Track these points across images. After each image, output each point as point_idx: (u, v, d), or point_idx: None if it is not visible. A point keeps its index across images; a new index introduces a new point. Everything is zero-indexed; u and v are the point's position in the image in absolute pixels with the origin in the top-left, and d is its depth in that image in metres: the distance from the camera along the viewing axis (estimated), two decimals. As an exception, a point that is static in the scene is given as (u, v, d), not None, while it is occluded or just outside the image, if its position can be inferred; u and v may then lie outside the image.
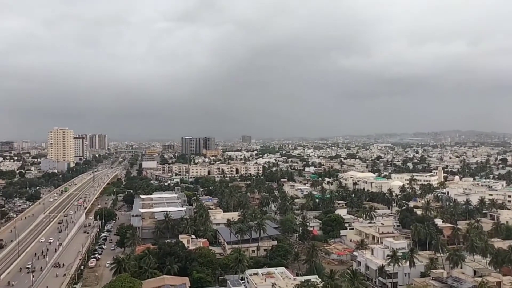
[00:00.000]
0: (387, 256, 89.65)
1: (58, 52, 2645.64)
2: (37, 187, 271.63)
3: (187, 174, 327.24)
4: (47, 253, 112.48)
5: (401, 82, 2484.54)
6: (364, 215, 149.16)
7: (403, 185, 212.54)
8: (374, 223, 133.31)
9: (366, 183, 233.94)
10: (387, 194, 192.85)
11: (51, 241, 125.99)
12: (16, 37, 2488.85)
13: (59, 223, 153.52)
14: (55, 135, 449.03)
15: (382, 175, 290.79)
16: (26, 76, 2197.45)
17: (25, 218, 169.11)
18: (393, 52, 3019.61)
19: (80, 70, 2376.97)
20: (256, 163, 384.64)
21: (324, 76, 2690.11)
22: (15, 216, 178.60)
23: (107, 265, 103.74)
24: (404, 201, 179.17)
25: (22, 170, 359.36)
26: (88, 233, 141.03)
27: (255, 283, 79.32)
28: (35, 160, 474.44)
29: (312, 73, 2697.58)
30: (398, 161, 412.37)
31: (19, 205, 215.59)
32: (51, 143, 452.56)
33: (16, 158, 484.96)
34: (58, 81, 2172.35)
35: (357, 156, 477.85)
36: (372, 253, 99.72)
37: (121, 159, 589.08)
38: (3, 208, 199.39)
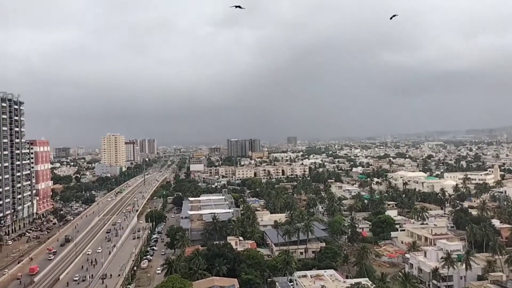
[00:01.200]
0: (441, 258, 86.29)
1: (107, 60, 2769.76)
2: (92, 191, 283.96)
3: (233, 176, 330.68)
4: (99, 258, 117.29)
5: (452, 77, 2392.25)
6: (416, 216, 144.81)
7: (457, 184, 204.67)
8: (427, 224, 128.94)
9: (417, 183, 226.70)
10: (439, 194, 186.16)
11: (99, 251, 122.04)
12: (69, 47, 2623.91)
13: (107, 232, 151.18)
14: (108, 141, 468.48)
15: (434, 174, 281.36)
16: (78, 83, 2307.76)
17: (81, 218, 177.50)
18: (442, 45, 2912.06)
19: (128, 76, 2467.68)
20: (302, 164, 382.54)
21: (370, 73, 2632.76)
22: (72, 219, 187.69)
23: (158, 270, 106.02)
24: (458, 201, 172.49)
25: (78, 175, 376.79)
26: (138, 237, 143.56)
27: (304, 285, 78.55)
28: (90, 165, 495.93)
29: (357, 70, 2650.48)
30: (450, 160, 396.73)
31: (76, 208, 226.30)
32: (104, 149, 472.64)
33: (72, 163, 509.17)
34: (108, 87, 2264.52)
35: (407, 155, 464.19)
36: (425, 255, 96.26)
37: (170, 163, 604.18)
38: (61, 211, 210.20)
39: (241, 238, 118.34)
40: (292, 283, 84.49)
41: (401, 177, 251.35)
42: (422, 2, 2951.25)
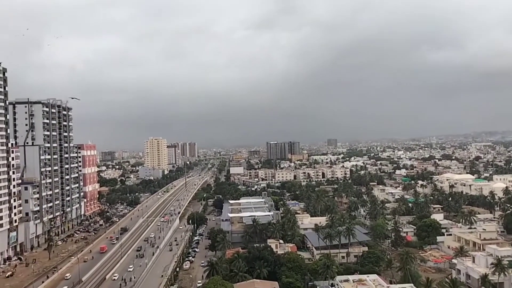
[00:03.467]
0: (491, 264, 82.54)
1: (148, 66, 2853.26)
2: (136, 193, 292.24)
3: (273, 179, 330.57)
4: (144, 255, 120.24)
5: (500, 75, 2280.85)
6: (463, 220, 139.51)
7: (507, 187, 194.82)
8: (475, 228, 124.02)
9: (465, 185, 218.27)
10: (488, 197, 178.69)
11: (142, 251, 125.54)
12: (112, 54, 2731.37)
13: (144, 240, 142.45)
14: (151, 145, 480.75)
15: (482, 176, 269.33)
16: (121, 89, 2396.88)
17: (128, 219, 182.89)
18: (489, 42, 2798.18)
19: (168, 81, 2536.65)
20: (343, 166, 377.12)
21: (413, 72, 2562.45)
22: (117, 220, 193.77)
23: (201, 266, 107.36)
24: (508, 205, 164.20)
25: (122, 177, 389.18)
26: (176, 245, 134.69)
27: (346, 290, 77.21)
28: (134, 168, 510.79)
29: (400, 70, 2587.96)
30: (500, 161, 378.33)
31: (121, 210, 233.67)
32: (147, 152, 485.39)
33: (117, 167, 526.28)
34: (149, 92, 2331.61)
35: (453, 157, 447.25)
36: (474, 261, 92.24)
37: (210, 166, 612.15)
38: (107, 213, 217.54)
39: (281, 241, 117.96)
40: (333, 287, 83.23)
41: (447, 179, 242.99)
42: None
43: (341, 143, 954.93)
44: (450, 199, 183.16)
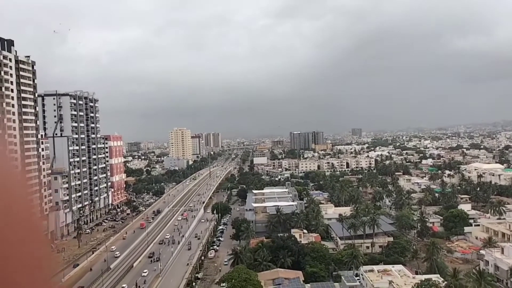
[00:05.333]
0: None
1: (170, 57, 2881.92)
2: (162, 183, 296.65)
3: (296, 169, 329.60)
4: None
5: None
6: (492, 211, 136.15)
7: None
8: (504, 219, 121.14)
9: (493, 175, 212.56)
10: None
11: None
12: (134, 45, 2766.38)
13: (160, 243, 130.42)
14: (175, 135, 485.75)
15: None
16: (144, 80, 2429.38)
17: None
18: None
19: (190, 71, 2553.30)
20: (368, 156, 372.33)
21: (439, 60, 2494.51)
22: (144, 209, 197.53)
23: (225, 261, 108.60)
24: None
25: (148, 168, 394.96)
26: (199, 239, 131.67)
27: (371, 280, 76.79)
28: (159, 158, 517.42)
29: (425, 58, 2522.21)
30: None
31: (147, 200, 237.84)
32: (172, 143, 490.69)
33: (143, 157, 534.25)
34: (171, 83, 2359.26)
35: (481, 146, 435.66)
36: (503, 252, 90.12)
37: (234, 156, 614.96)
38: (134, 203, 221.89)
39: (305, 231, 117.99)
40: (358, 277, 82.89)
41: (475, 169, 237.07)
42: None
43: (366, 133, 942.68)
44: (478, 189, 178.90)
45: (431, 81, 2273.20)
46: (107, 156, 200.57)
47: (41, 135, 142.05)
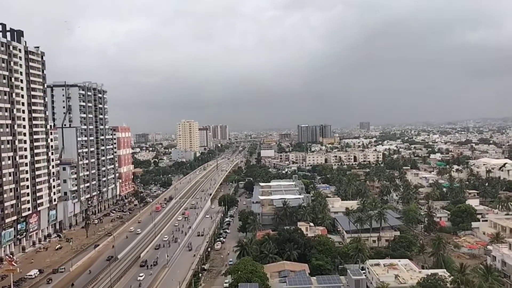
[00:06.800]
0: (530, 252, 79.72)
1: (177, 48, 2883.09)
2: (169, 175, 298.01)
3: (304, 162, 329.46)
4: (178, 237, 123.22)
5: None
6: (500, 206, 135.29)
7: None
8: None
9: (502, 171, 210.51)
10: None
11: (166, 238, 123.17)
12: (142, 36, 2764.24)
13: (163, 241, 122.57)
14: (183, 127, 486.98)
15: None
16: (151, 71, 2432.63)
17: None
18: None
19: (198, 63, 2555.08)
20: (375, 150, 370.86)
21: (449, 54, 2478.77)
22: (151, 200, 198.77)
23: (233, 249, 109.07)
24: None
25: (156, 159, 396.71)
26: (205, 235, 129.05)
27: (377, 274, 76.77)
28: (167, 150, 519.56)
29: (435, 51, 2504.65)
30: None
31: (155, 191, 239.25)
32: (180, 134, 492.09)
33: (151, 149, 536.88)
34: (179, 74, 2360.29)
35: (491, 141, 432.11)
36: (510, 248, 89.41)
37: (241, 148, 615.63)
38: (141, 194, 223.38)
39: (311, 224, 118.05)
40: (364, 271, 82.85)
41: (484, 164, 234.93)
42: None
43: (374, 127, 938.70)
44: (486, 184, 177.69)
45: (441, 74, 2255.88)
46: (115, 147, 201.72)
47: (50, 126, 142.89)
